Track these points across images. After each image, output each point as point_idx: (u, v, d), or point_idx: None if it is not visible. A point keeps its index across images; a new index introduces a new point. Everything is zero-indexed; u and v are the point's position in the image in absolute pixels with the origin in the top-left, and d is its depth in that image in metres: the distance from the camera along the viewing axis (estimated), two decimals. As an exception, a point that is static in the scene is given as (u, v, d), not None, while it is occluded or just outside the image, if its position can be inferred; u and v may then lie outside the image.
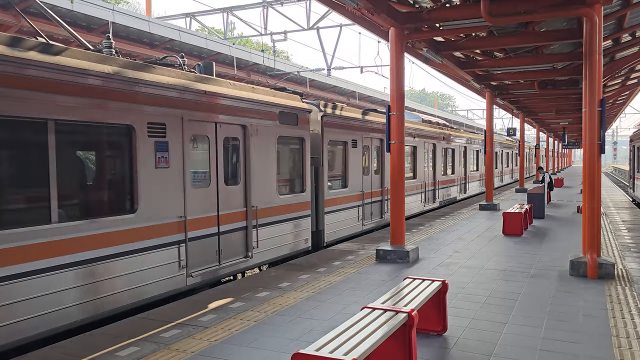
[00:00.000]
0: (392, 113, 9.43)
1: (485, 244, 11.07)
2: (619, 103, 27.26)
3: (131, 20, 17.28)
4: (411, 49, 11.93)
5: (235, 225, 8.74)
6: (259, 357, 4.95)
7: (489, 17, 8.62)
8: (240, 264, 8.76)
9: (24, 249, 5.49)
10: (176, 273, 7.43)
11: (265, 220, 9.40)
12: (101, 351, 5.10)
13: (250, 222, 8.98)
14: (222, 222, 8.39)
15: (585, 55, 8.32)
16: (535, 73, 15.28)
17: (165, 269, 7.25)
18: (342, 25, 20.73)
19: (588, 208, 8.22)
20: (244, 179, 8.94)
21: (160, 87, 7.14)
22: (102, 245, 6.33)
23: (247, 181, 8.97)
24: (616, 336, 5.44)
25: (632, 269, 8.61)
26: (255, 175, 9.10)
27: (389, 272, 8.49)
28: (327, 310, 6.41)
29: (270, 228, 9.56)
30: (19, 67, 5.44)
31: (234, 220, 8.71)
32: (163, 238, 7.23)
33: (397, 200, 9.51)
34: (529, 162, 49.27)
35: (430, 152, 18.98)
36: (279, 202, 9.84)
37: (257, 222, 9.12)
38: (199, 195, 7.93)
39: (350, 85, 32.94)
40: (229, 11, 20.13)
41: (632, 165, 26.82)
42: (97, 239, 6.27)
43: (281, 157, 10.05)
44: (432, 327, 5.56)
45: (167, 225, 7.31)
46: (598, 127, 8.07)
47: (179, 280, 7.46)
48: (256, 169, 9.13)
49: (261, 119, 9.26)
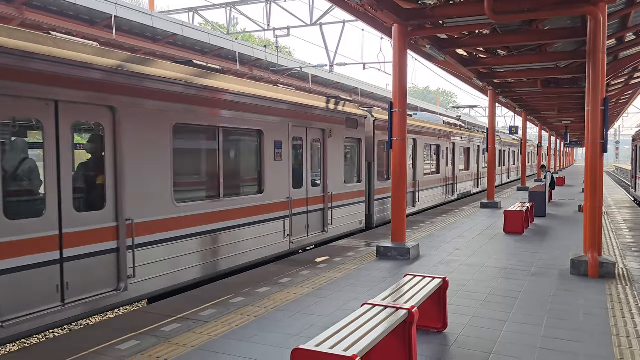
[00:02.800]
0: (394, 110, 9.41)
1: (486, 242, 11.07)
2: (622, 102, 27.18)
3: (134, 14, 17.25)
4: (414, 46, 11.90)
5: (317, 207, 11.41)
6: (259, 352, 4.96)
7: (492, 15, 8.58)
8: (318, 236, 11.35)
9: (208, 215, 8.03)
10: (282, 240, 10.01)
11: (336, 204, 12.04)
12: (102, 345, 5.12)
13: (326, 205, 11.60)
14: (309, 204, 11.04)
15: (589, 54, 8.29)
16: (539, 71, 15.24)
17: (278, 235, 9.88)
18: (345, 21, 20.70)
19: (589, 207, 8.21)
20: (323, 170, 11.57)
21: (281, 102, 9.95)
22: (244, 216, 8.95)
23: (325, 172, 11.58)
24: (616, 335, 5.44)
25: (633, 269, 8.61)
26: (329, 168, 11.71)
27: (389, 269, 8.50)
28: (327, 306, 6.41)
29: (339, 210, 12.19)
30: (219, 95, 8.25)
31: (317, 202, 11.37)
32: (277, 213, 9.87)
33: (398, 198, 9.51)
34: (531, 160, 49.22)
35: (450, 150, 21.29)
36: (345, 190, 12.51)
37: (331, 205, 11.80)
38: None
39: (353, 81, 32.88)
40: (232, 6, 20.10)
41: (634, 165, 26.78)
42: (242, 211, 8.90)
43: (346, 154, 12.64)
44: (433, 324, 5.56)
45: (280, 204, 10.04)
46: (601, 126, 8.05)
47: (285, 245, 10.11)
48: (330, 163, 11.74)
49: (334, 124, 11.90)
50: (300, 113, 10.50)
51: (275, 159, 9.78)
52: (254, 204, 9.25)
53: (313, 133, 11.14)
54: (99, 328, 5.63)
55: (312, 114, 10.98)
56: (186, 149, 7.95)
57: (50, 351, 4.98)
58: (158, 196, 7.16)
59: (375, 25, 10.35)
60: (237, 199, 8.83)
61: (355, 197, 13.02)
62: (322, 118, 11.36)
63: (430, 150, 18.96)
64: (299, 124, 10.52)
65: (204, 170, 8.48)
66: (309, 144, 10.98)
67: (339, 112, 12.15)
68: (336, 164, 12.00)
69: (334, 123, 11.87)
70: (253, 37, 50.35)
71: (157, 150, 7.18)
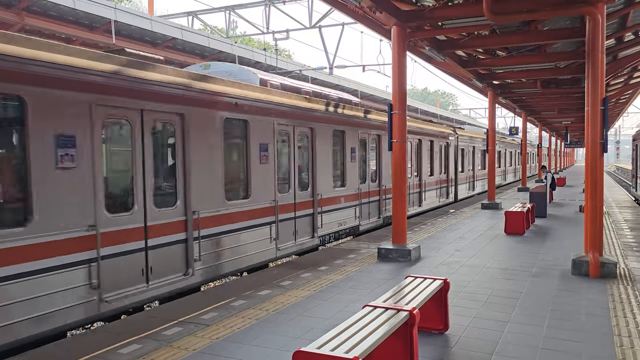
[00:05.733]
0: (394, 112, 9.42)
1: (487, 243, 11.06)
2: (621, 102, 27.17)
3: (133, 18, 17.29)
4: (413, 48, 11.91)
5: (441, 186, 20.34)
6: (261, 355, 4.95)
7: (491, 16, 8.60)
8: (436, 204, 19.58)
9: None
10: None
11: (428, 188, 18.70)
12: (103, 349, 5.11)
13: (450, 184, 21.00)
14: (440, 184, 20.36)
15: (588, 54, 8.29)
16: (538, 72, 15.24)
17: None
18: (344, 23, 20.73)
19: (590, 207, 8.20)
20: (447, 166, 20.94)
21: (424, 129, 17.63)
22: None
23: (448, 167, 21.11)
24: (618, 335, 5.43)
25: (635, 268, 8.60)
26: (434, 166, 19.22)
27: (390, 271, 8.49)
28: (328, 309, 6.41)
29: (431, 191, 19.16)
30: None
31: (443, 183, 20.48)
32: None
33: (399, 199, 9.51)
34: (530, 161, 49.22)
35: (471, 153, 26.05)
36: (443, 179, 20.53)
37: (453, 183, 21.61)
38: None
39: (353, 83, 32.90)
40: (231, 10, 20.14)
41: (634, 165, 26.76)
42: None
43: (442, 156, 20.39)
44: (434, 325, 5.56)
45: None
46: (600, 126, 8.04)
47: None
48: (435, 162, 19.26)
49: (438, 137, 19.68)
50: (435, 134, 19.37)
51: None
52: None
53: (427, 144, 18.39)
54: (100, 332, 5.63)
55: (427, 132, 18.50)
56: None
57: (53, 355, 4.98)
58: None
59: (374, 28, 10.37)
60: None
61: (447, 183, 21.25)
62: (433, 135, 19.12)
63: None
64: (433, 139, 18.96)
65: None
66: (436, 149, 19.39)
67: (440, 131, 20.39)
68: (437, 162, 19.64)
69: (438, 137, 19.77)
70: (252, 40, 50.39)
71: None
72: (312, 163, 11.25)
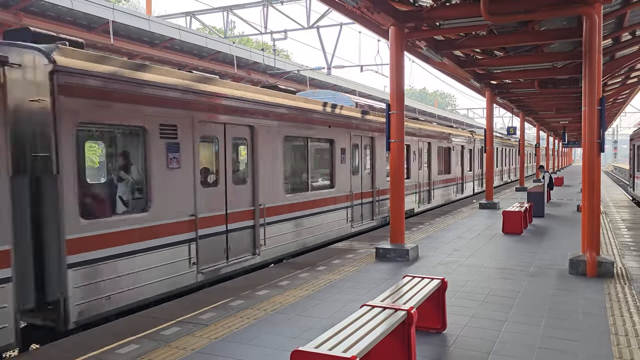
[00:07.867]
0: (392, 112, 9.43)
1: (484, 243, 11.09)
2: (619, 102, 27.25)
3: (131, 19, 17.29)
4: (411, 48, 11.94)
5: (450, 183, 22.24)
6: (259, 354, 4.96)
7: (488, 16, 8.62)
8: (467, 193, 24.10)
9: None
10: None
11: (467, 180, 24.64)
12: (101, 348, 5.12)
13: (464, 180, 24.21)
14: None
15: (585, 54, 8.31)
16: (535, 72, 15.28)
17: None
18: (342, 24, 20.74)
19: (587, 207, 8.23)
20: (471, 164, 25.57)
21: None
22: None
23: (473, 165, 26.05)
24: (615, 334, 5.45)
25: (632, 268, 8.62)
26: (464, 165, 23.89)
27: (388, 271, 8.51)
28: (326, 308, 6.42)
29: (469, 183, 24.90)
30: None
31: (449, 181, 22.05)
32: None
33: (397, 199, 9.52)
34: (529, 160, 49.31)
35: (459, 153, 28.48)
36: (469, 174, 24.87)
37: (470, 179, 25.92)
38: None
39: (351, 84, 32.96)
40: (229, 10, 20.13)
41: (632, 164, 26.83)
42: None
43: (467, 156, 24.60)
44: (432, 324, 5.57)
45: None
46: (598, 126, 8.07)
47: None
48: (465, 161, 23.92)
49: (465, 141, 24.17)
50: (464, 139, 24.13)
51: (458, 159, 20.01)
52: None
53: (458, 148, 22.91)
54: (99, 332, 5.64)
55: (470, 137, 24.99)
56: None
57: (50, 355, 4.98)
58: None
59: (372, 28, 10.39)
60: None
61: (471, 178, 25.80)
62: (466, 141, 24.48)
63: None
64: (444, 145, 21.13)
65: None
66: (467, 150, 24.53)
67: (465, 135, 24.71)
68: (466, 162, 24.51)
69: (466, 141, 24.45)
70: (250, 40, 50.34)
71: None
72: (372, 163, 14.34)
